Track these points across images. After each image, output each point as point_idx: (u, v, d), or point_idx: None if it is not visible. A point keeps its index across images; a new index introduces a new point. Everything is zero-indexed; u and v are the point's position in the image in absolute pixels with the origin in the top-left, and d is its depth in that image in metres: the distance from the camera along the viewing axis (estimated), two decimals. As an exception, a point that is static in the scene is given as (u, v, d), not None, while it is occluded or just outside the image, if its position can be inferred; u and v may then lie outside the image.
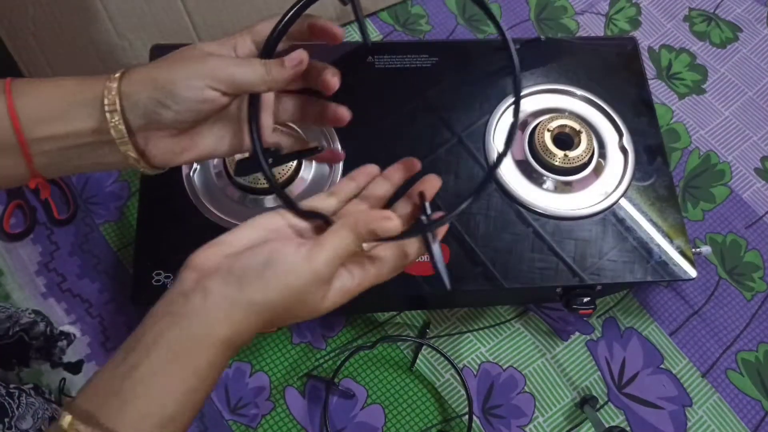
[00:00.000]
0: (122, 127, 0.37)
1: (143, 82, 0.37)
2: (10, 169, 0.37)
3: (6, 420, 0.56)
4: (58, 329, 0.72)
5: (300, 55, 0.42)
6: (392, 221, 0.37)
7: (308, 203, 0.42)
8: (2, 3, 0.75)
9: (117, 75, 0.38)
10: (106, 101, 0.36)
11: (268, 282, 0.34)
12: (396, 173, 0.47)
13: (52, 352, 0.69)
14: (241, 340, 0.35)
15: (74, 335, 0.73)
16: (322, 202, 0.42)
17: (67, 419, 0.31)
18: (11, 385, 0.59)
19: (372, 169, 0.47)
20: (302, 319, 0.38)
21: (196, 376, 0.33)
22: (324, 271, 0.36)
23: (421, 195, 0.43)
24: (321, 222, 0.40)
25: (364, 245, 0.40)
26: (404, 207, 0.44)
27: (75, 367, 0.72)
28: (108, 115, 0.37)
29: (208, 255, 0.37)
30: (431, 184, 0.44)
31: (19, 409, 0.63)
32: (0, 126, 0.36)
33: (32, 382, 0.68)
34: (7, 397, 0.60)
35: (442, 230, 0.42)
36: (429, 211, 0.41)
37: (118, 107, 0.37)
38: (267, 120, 0.45)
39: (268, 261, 0.35)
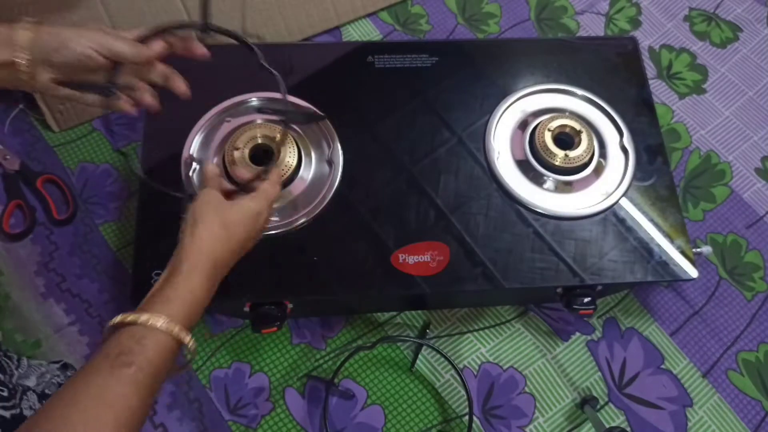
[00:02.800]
0: (27, 61, 0.51)
1: (50, 35, 0.52)
2: None
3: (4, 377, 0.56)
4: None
5: (159, 48, 0.56)
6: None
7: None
8: (2, 3, 0.75)
9: (26, 24, 0.51)
10: (17, 42, 0.51)
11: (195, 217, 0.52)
12: None
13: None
14: (221, 254, 0.52)
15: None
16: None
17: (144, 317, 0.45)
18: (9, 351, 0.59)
19: None
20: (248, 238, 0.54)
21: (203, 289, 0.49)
22: (209, 195, 0.55)
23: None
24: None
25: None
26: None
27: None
28: (19, 54, 0.51)
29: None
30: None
31: (20, 370, 0.62)
32: None
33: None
34: (4, 357, 0.59)
35: None
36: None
37: (27, 54, 0.51)
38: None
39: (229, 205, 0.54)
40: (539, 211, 0.67)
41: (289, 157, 0.65)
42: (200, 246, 0.50)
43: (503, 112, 0.72)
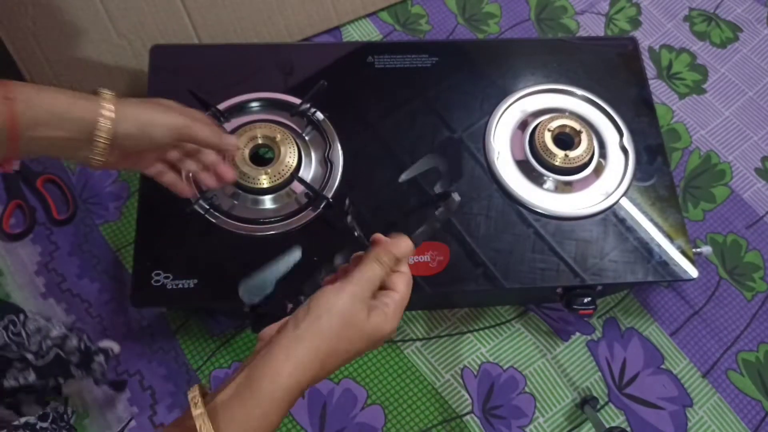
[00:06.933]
0: (104, 146, 0.47)
1: (128, 120, 0.48)
2: None
3: None
4: (96, 345, 0.67)
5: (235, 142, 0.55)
6: (405, 241, 0.46)
7: None
8: (2, 3, 0.75)
9: (106, 104, 0.46)
10: (99, 131, 0.46)
11: (313, 312, 0.41)
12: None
13: (90, 367, 0.65)
14: (305, 378, 0.39)
15: (112, 350, 0.68)
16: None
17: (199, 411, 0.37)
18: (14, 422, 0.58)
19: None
20: (362, 346, 0.42)
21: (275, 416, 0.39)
22: (356, 290, 0.42)
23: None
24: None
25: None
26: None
27: (119, 386, 0.71)
28: (97, 141, 0.46)
29: (273, 328, 0.43)
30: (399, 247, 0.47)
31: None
32: None
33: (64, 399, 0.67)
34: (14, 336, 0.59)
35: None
36: None
37: (108, 142, 0.47)
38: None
39: (310, 301, 0.41)
40: (539, 211, 0.67)
41: (289, 157, 0.65)
42: (299, 377, 0.39)
43: (503, 112, 0.72)
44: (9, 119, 0.43)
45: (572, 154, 0.68)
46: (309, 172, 0.67)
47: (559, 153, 0.68)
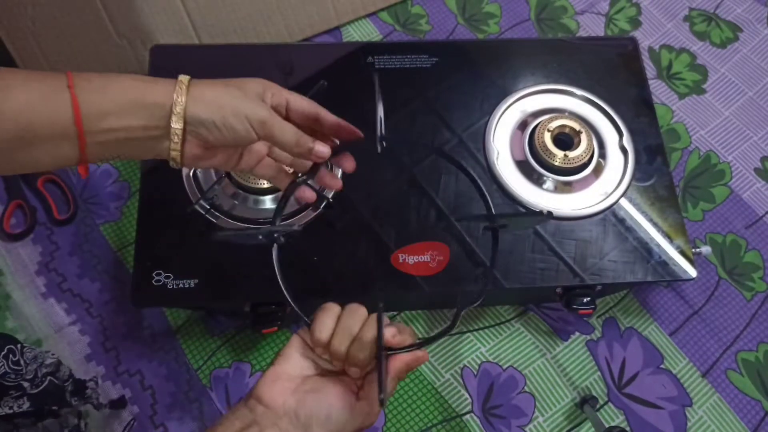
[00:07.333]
0: (180, 138, 0.43)
1: (209, 105, 0.43)
2: (63, 156, 0.42)
3: None
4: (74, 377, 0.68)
5: (324, 153, 0.47)
6: (423, 355, 0.46)
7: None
8: (2, 3, 0.75)
9: (183, 87, 0.43)
10: (174, 117, 0.42)
11: (328, 428, 0.43)
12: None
13: (85, 393, 0.67)
14: None
15: (96, 380, 0.70)
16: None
17: None
18: None
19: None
20: None
21: None
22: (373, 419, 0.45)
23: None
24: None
25: None
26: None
27: (120, 404, 0.71)
28: (172, 130, 0.43)
29: (274, 393, 0.44)
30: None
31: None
32: (63, 119, 0.40)
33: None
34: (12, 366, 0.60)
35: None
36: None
37: (182, 123, 0.43)
38: (263, 147, 0.51)
39: (328, 416, 0.43)
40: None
41: (290, 157, 0.65)
42: None
43: (503, 113, 0.72)
44: (74, 108, 0.40)
45: (572, 154, 0.68)
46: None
47: (559, 153, 0.68)
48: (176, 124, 0.43)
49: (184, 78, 0.44)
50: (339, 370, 0.46)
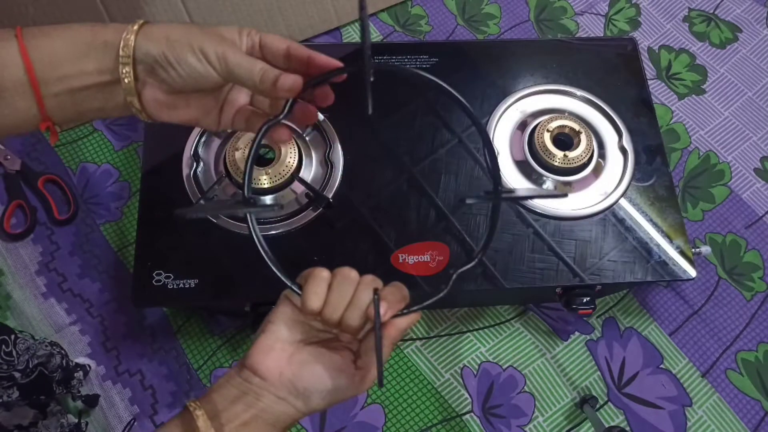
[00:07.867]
0: (131, 78, 0.41)
1: (158, 39, 0.40)
2: (22, 113, 0.40)
3: None
4: (73, 362, 0.70)
5: (288, 84, 0.42)
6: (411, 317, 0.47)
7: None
8: (2, 3, 0.75)
9: (135, 27, 0.41)
10: (121, 53, 0.40)
11: (329, 402, 0.45)
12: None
13: (70, 383, 0.68)
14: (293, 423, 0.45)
15: (89, 366, 0.72)
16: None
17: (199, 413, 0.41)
18: None
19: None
20: None
21: None
22: (369, 384, 0.45)
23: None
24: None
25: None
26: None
27: (92, 401, 0.71)
28: (120, 66, 0.40)
29: (269, 363, 0.44)
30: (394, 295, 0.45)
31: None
32: (13, 69, 0.39)
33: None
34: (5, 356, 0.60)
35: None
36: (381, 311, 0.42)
37: (131, 61, 0.40)
38: (244, 98, 0.48)
39: (326, 387, 0.44)
40: (539, 211, 0.67)
41: (290, 157, 0.65)
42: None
43: (503, 113, 0.72)
44: (23, 55, 0.38)
45: (571, 154, 0.68)
46: (309, 172, 0.68)
47: (558, 153, 0.68)
48: (125, 61, 0.40)
49: (140, 21, 0.41)
50: (332, 335, 0.46)
